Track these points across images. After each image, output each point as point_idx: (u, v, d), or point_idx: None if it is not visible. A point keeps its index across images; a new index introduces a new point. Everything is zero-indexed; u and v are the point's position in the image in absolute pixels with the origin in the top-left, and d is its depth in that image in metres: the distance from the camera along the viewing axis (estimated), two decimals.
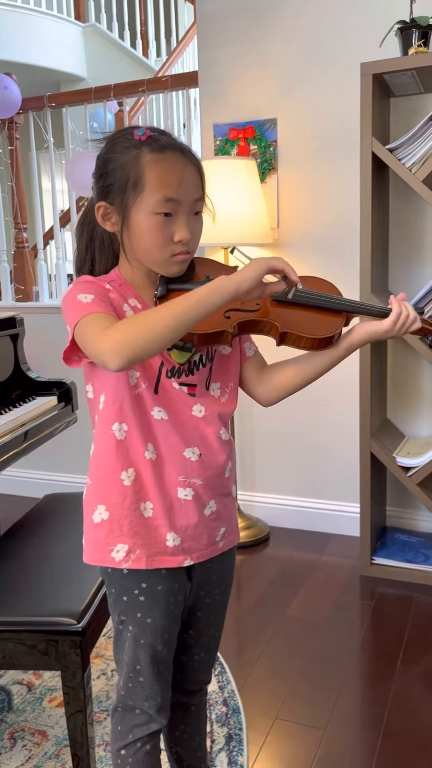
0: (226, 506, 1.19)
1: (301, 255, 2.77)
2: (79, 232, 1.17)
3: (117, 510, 1.10)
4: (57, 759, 1.65)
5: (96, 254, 1.16)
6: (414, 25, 2.29)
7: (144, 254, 1.08)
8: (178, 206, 1.05)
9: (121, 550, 1.10)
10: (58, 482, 3.34)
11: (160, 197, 1.03)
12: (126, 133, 1.07)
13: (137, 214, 1.05)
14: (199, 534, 1.14)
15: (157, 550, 1.11)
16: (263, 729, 1.76)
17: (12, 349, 2.47)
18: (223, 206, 2.49)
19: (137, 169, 1.03)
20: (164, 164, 1.03)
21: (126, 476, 1.09)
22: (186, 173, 1.05)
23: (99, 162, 1.09)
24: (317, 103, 2.67)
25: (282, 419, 2.93)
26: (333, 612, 2.31)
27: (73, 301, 1.03)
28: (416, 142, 2.28)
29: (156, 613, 1.13)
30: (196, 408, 1.12)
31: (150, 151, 1.04)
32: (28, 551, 1.68)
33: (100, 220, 1.09)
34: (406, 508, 2.78)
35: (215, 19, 2.78)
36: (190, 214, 1.07)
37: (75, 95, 3.61)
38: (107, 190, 1.07)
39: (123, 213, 1.06)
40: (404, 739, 1.70)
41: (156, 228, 1.04)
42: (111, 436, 1.09)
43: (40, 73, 6.25)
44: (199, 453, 1.12)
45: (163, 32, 6.67)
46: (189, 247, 1.07)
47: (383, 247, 2.57)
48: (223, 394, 1.16)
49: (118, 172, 1.05)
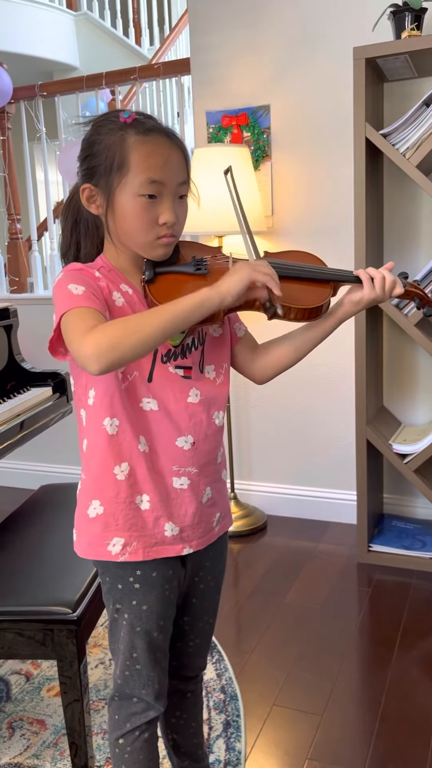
0: (220, 491, 1.19)
1: (295, 241, 2.76)
2: (64, 216, 1.16)
3: (112, 504, 1.10)
4: (55, 747, 1.66)
5: (81, 239, 1.15)
6: (406, 8, 2.26)
7: (129, 237, 1.07)
8: (162, 188, 1.04)
9: (117, 544, 1.10)
10: (54, 473, 3.34)
11: (144, 179, 1.02)
12: (111, 115, 1.06)
13: (122, 196, 1.04)
14: (197, 522, 1.14)
15: (155, 540, 1.11)
16: (261, 715, 1.76)
17: (6, 341, 2.47)
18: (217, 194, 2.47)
19: (122, 150, 1.03)
20: (149, 146, 1.03)
21: (120, 471, 1.09)
22: (171, 156, 1.04)
23: (84, 144, 1.08)
24: (310, 89, 2.65)
25: (278, 408, 2.93)
26: (330, 599, 2.31)
27: (63, 291, 1.01)
28: (410, 127, 2.27)
29: (151, 599, 1.13)
30: (192, 392, 1.11)
31: (135, 133, 1.03)
32: (24, 542, 1.68)
33: (84, 203, 1.08)
34: (402, 495, 2.79)
35: (207, 6, 2.75)
36: (175, 197, 1.06)
37: (66, 84, 3.59)
38: (92, 172, 1.06)
39: (108, 195, 1.05)
40: (401, 724, 1.71)
41: (140, 210, 1.03)
42: (102, 431, 1.08)
43: (32, 62, 6.20)
44: (192, 441, 1.11)
45: (156, 20, 6.62)
46: (174, 230, 1.06)
47: (378, 233, 2.56)
48: (218, 376, 1.16)
49: (103, 153, 1.04)
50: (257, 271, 1.00)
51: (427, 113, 2.23)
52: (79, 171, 1.09)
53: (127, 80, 3.39)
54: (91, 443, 1.11)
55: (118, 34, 6.53)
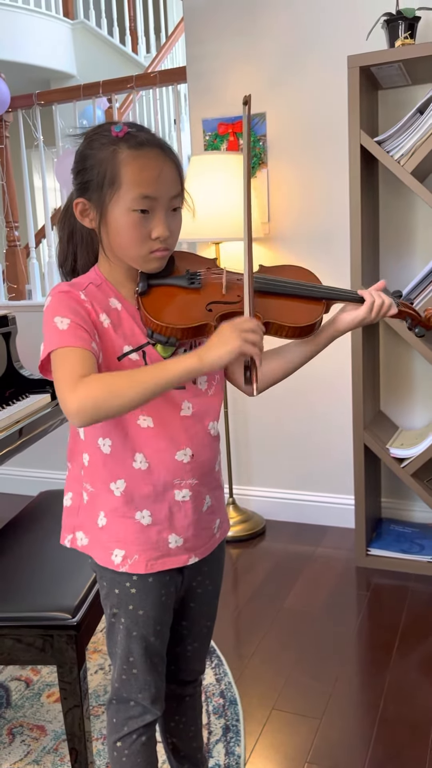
0: (218, 498, 1.21)
1: (292, 248, 2.77)
2: (60, 226, 1.17)
3: (112, 517, 1.12)
4: (55, 753, 1.67)
5: (78, 249, 1.16)
6: (400, 17, 2.29)
7: (122, 251, 1.07)
8: (155, 203, 1.04)
9: (119, 555, 1.12)
10: (53, 480, 3.35)
11: (136, 194, 1.03)
12: (104, 129, 1.06)
13: (114, 211, 1.04)
14: (199, 531, 1.16)
15: (160, 553, 1.12)
16: (260, 719, 1.77)
17: (5, 348, 2.48)
18: (214, 202, 2.50)
19: (114, 166, 1.03)
20: (141, 161, 1.03)
21: (115, 487, 1.11)
22: (164, 170, 1.04)
23: (77, 158, 1.09)
24: (306, 97, 2.67)
25: (276, 413, 2.94)
26: (329, 603, 2.32)
27: (50, 324, 1.02)
28: (404, 134, 2.29)
29: (148, 604, 1.14)
30: (185, 405, 1.12)
31: (127, 148, 1.03)
32: (23, 548, 1.69)
33: (78, 217, 1.09)
34: (400, 499, 2.80)
35: (202, 14, 2.78)
36: (168, 210, 1.06)
37: (64, 93, 3.61)
38: (85, 187, 1.07)
39: (100, 210, 1.06)
40: (400, 727, 1.72)
41: (133, 225, 1.04)
42: (97, 449, 1.11)
43: (30, 70, 6.23)
44: (191, 454, 1.12)
45: (152, 28, 6.65)
46: (167, 243, 1.07)
47: (374, 239, 2.58)
48: (210, 387, 1.16)
49: (96, 168, 1.05)
50: (246, 341, 0.96)
51: (421, 120, 2.25)
52: (73, 184, 1.10)
53: (124, 89, 3.41)
54: (91, 458, 1.13)
55: (115, 42, 6.56)
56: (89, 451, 1.12)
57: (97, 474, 1.12)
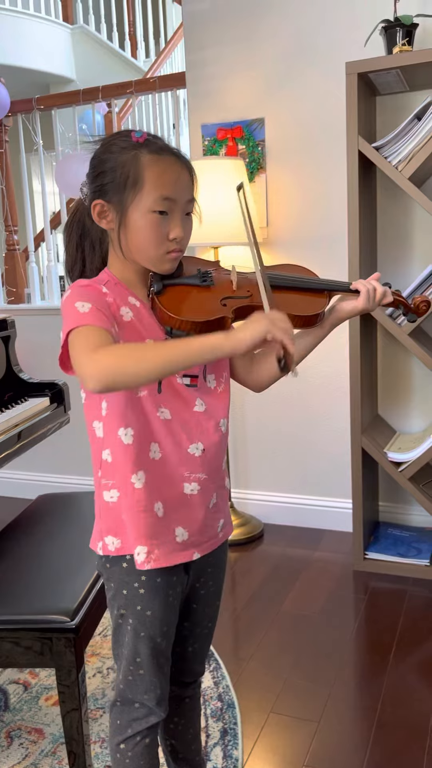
0: (223, 498, 1.23)
1: (290, 253, 2.79)
2: (68, 232, 1.19)
3: (133, 514, 1.12)
4: (53, 756, 1.67)
5: (86, 254, 1.19)
6: (398, 24, 2.31)
7: (139, 251, 1.10)
8: (173, 205, 1.09)
9: (142, 553, 1.12)
10: (51, 483, 3.35)
11: (157, 195, 1.07)
12: (123, 135, 1.11)
13: (135, 212, 1.08)
14: (204, 527, 1.17)
15: (171, 548, 1.13)
16: (258, 723, 1.77)
17: (4, 351, 2.48)
18: (213, 206, 2.51)
19: (136, 168, 1.07)
20: (162, 164, 1.08)
21: (137, 479, 1.11)
22: (181, 175, 1.10)
23: (95, 162, 1.12)
24: (304, 103, 2.69)
25: (274, 417, 2.95)
26: (327, 607, 2.33)
27: (70, 308, 1.03)
28: (402, 139, 2.30)
29: (156, 605, 1.15)
30: (198, 402, 1.14)
31: (149, 152, 1.08)
32: (22, 551, 1.70)
33: (96, 219, 1.12)
34: (398, 503, 2.81)
35: (202, 20, 2.80)
36: (183, 213, 1.11)
37: (63, 97, 3.63)
38: (104, 189, 1.10)
39: (121, 211, 1.09)
40: (397, 730, 1.72)
41: (153, 225, 1.08)
42: (119, 441, 1.11)
43: (29, 75, 6.25)
44: (203, 448, 1.14)
45: (151, 33, 6.67)
46: (182, 245, 1.11)
47: (371, 244, 2.60)
48: (219, 385, 1.19)
49: (117, 170, 1.08)
50: (276, 326, 0.96)
51: (419, 126, 2.26)
52: (88, 188, 1.13)
53: (124, 94, 3.43)
54: (112, 452, 1.13)
55: (114, 46, 6.58)
56: (110, 445, 1.13)
57: (118, 468, 1.12)
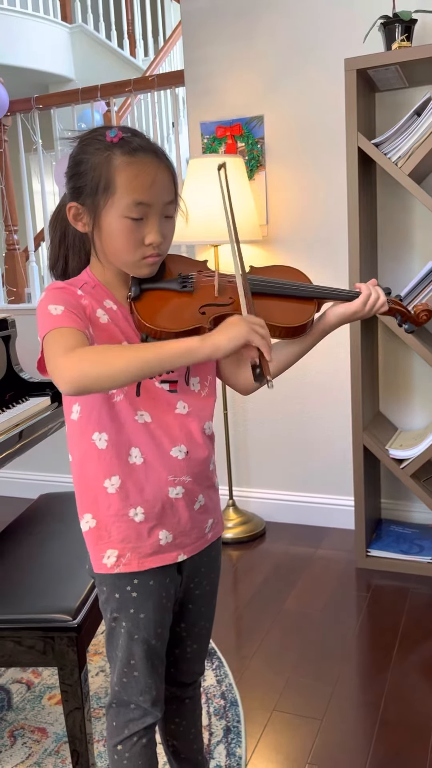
0: (212, 498, 1.21)
1: (290, 250, 2.78)
2: (52, 229, 1.17)
3: (104, 518, 1.11)
4: (57, 755, 1.67)
5: (69, 252, 1.16)
6: (396, 19, 2.30)
7: (115, 256, 1.08)
8: (149, 210, 1.04)
9: (112, 556, 1.11)
10: (53, 482, 3.35)
11: (130, 201, 1.02)
12: (98, 133, 1.06)
13: (108, 217, 1.04)
14: (190, 529, 1.15)
15: (151, 550, 1.12)
16: (261, 721, 1.77)
17: (5, 351, 2.48)
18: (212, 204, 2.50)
19: (108, 171, 1.03)
20: (135, 167, 1.02)
21: (110, 484, 1.10)
22: (158, 176, 1.04)
23: (71, 162, 1.08)
24: (303, 100, 2.68)
25: (275, 415, 2.94)
26: (329, 604, 2.32)
27: (44, 312, 1.02)
28: (401, 136, 2.29)
29: (148, 607, 1.14)
30: (179, 405, 1.12)
31: (122, 154, 1.02)
32: (24, 551, 1.70)
33: (71, 221, 1.09)
34: (400, 500, 2.80)
35: (200, 18, 2.79)
36: (161, 217, 1.06)
37: (62, 96, 3.62)
38: (79, 191, 1.06)
39: (94, 215, 1.05)
40: (400, 728, 1.72)
41: (126, 231, 1.04)
42: (91, 445, 1.09)
43: (28, 74, 6.24)
44: (186, 450, 1.12)
45: (150, 31, 6.66)
46: (160, 249, 1.07)
47: (372, 241, 2.59)
48: (203, 388, 1.17)
49: (90, 173, 1.04)
50: (254, 331, 0.95)
51: (419, 122, 2.26)
52: (66, 187, 1.10)
53: (122, 92, 3.42)
54: (79, 457, 1.12)
55: (113, 45, 6.58)
56: (77, 449, 1.12)
57: (86, 472, 1.11)
